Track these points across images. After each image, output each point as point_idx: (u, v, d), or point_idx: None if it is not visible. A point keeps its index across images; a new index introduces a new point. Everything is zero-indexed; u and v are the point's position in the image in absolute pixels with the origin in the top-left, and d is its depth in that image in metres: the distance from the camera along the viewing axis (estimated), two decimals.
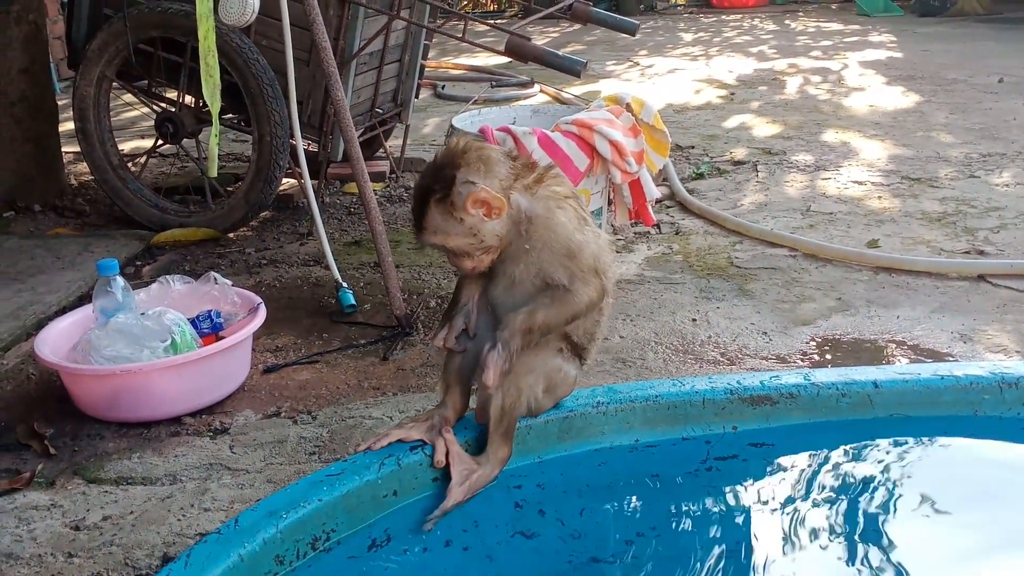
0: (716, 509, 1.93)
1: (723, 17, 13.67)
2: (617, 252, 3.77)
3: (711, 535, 1.85)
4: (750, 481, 1.99)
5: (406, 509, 1.86)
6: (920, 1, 12.68)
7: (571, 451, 2.01)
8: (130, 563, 1.97)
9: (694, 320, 3.10)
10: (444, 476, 1.89)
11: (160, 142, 4.07)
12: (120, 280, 2.66)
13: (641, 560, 1.78)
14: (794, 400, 2.08)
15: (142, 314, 2.62)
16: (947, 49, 9.16)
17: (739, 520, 1.89)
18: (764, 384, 2.10)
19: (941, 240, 3.75)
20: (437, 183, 1.75)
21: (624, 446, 2.03)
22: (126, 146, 5.27)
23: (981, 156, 4.99)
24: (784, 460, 2.04)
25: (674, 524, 1.87)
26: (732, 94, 7.22)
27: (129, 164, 4.12)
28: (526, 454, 1.97)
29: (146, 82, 4.02)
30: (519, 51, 3.41)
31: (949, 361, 2.71)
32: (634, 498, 1.97)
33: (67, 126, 4.33)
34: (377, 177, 4.65)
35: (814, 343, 2.91)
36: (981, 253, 3.59)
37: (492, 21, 4.29)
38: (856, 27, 11.54)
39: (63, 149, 4.65)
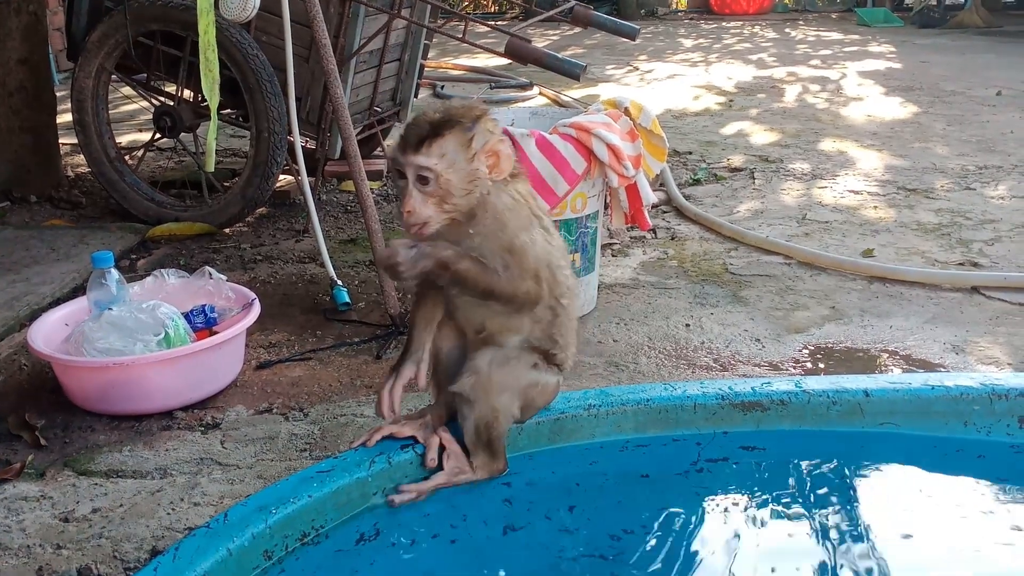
0: (705, 509, 1.93)
1: (723, 24, 13.71)
2: (612, 256, 3.77)
3: (700, 534, 1.85)
4: (740, 483, 2.00)
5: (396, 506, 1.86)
6: (920, 13, 12.74)
7: (561, 448, 2.02)
8: (119, 556, 1.97)
9: (688, 325, 3.11)
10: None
11: (158, 136, 4.07)
12: (115, 273, 2.66)
13: (629, 555, 1.78)
14: (785, 407, 2.08)
15: (136, 307, 2.62)
16: (946, 61, 9.19)
17: (727, 520, 1.89)
18: (755, 391, 2.10)
19: (936, 251, 3.76)
20: (465, 117, 1.72)
21: (615, 444, 2.04)
22: (124, 139, 5.26)
23: (977, 168, 5.00)
24: (774, 464, 2.04)
25: (663, 522, 1.88)
26: (731, 101, 7.23)
27: (126, 157, 4.12)
28: (516, 451, 1.97)
29: (145, 75, 4.02)
30: (519, 53, 3.42)
31: (941, 372, 2.72)
32: (624, 496, 1.97)
33: (65, 118, 4.33)
34: (374, 176, 4.64)
35: (807, 351, 2.92)
36: (975, 265, 3.60)
37: (492, 22, 4.29)
38: (856, 37, 11.58)
39: (60, 140, 4.65)
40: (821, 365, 2.82)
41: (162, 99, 4.02)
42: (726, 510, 1.94)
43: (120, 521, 2.08)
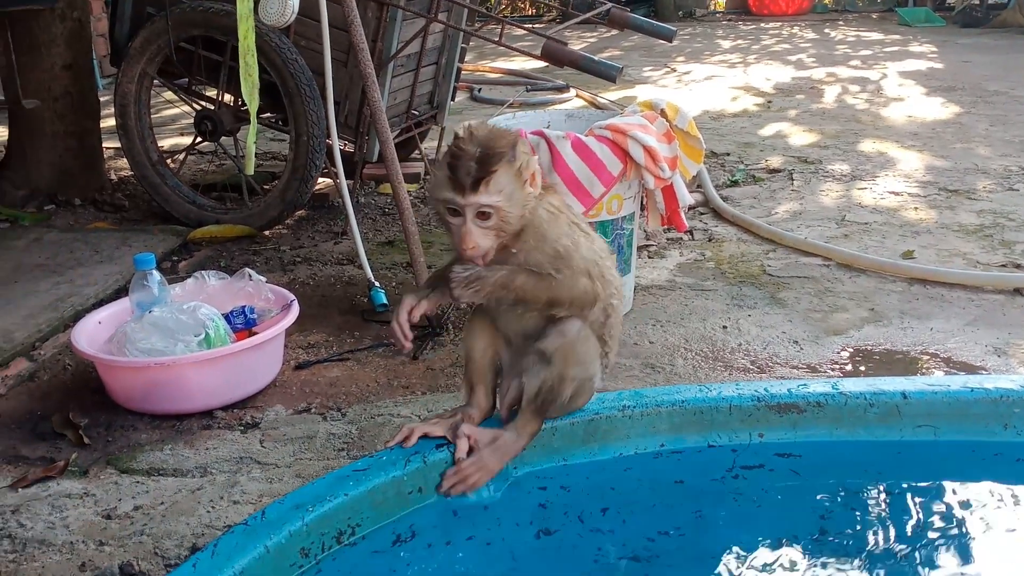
0: (741, 516, 1.93)
1: (762, 25, 13.61)
2: (649, 258, 3.77)
3: (734, 541, 1.84)
4: (776, 490, 1.99)
5: (431, 506, 1.88)
6: (962, 12, 12.58)
7: (596, 455, 2.02)
8: (159, 553, 2.00)
9: (725, 327, 3.09)
10: None
11: (199, 139, 4.12)
12: (156, 274, 2.70)
13: (665, 558, 1.78)
14: (821, 409, 2.07)
15: (177, 308, 2.65)
16: (989, 60, 9.06)
17: (762, 528, 1.89)
18: (792, 392, 2.09)
19: (977, 253, 3.71)
20: (502, 147, 1.73)
21: (649, 452, 2.04)
22: (166, 143, 5.34)
23: (1021, 169, 4.93)
24: (811, 471, 2.03)
25: (698, 528, 1.87)
26: (769, 102, 7.19)
27: (168, 161, 4.18)
28: (551, 456, 1.98)
29: (186, 80, 4.08)
30: (555, 56, 3.42)
31: (982, 374, 2.68)
32: (659, 502, 1.97)
33: (108, 122, 4.40)
34: (411, 178, 4.68)
35: (846, 353, 2.90)
36: (1018, 267, 3.55)
37: (529, 25, 4.30)
38: (897, 37, 11.45)
39: (104, 145, 4.72)
40: (860, 367, 2.80)
41: (203, 103, 4.07)
42: (761, 518, 1.93)
43: (161, 518, 2.12)
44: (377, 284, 3.28)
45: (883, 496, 1.97)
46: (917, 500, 1.96)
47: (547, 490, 1.95)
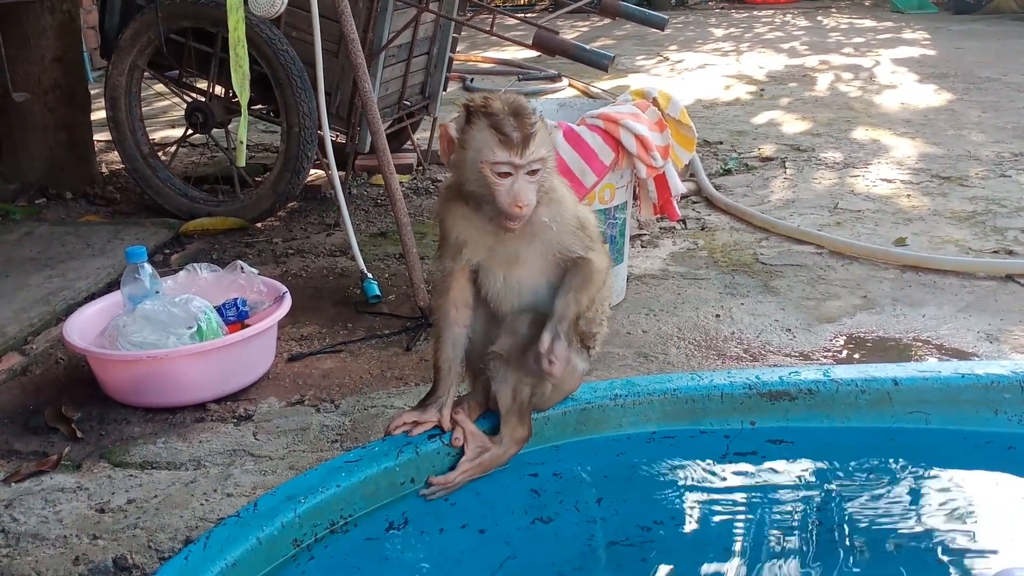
0: (733, 501, 1.93)
1: (755, 13, 13.60)
2: (642, 247, 3.77)
3: (727, 526, 1.85)
4: (768, 476, 2.00)
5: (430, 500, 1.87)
6: None
7: (588, 443, 2.02)
8: (153, 546, 2.00)
9: (718, 316, 3.10)
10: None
11: (190, 131, 4.11)
12: (148, 267, 2.69)
13: (658, 543, 1.79)
14: (813, 396, 2.07)
15: (169, 301, 2.65)
16: (981, 47, 9.06)
17: (755, 513, 1.89)
18: (783, 379, 2.09)
19: (970, 239, 3.72)
20: (528, 105, 1.79)
21: (641, 439, 2.04)
22: (156, 135, 5.32)
23: (1013, 155, 4.94)
24: (803, 457, 2.03)
25: (691, 513, 1.88)
26: (762, 90, 7.18)
27: (159, 153, 4.16)
28: (543, 443, 1.98)
29: (177, 72, 4.06)
30: (547, 45, 3.42)
31: (973, 360, 2.69)
32: (652, 488, 1.97)
33: (99, 115, 4.39)
34: (404, 169, 4.67)
35: (838, 341, 2.90)
36: (1010, 253, 3.55)
37: (521, 15, 4.29)
38: (889, 24, 11.45)
39: (95, 137, 4.70)
40: (853, 355, 2.81)
41: (194, 95, 4.06)
42: (753, 503, 1.93)
43: (155, 512, 2.11)
44: (370, 275, 3.27)
45: (874, 482, 1.97)
46: (908, 485, 1.96)
47: (539, 477, 1.95)
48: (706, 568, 1.75)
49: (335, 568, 1.72)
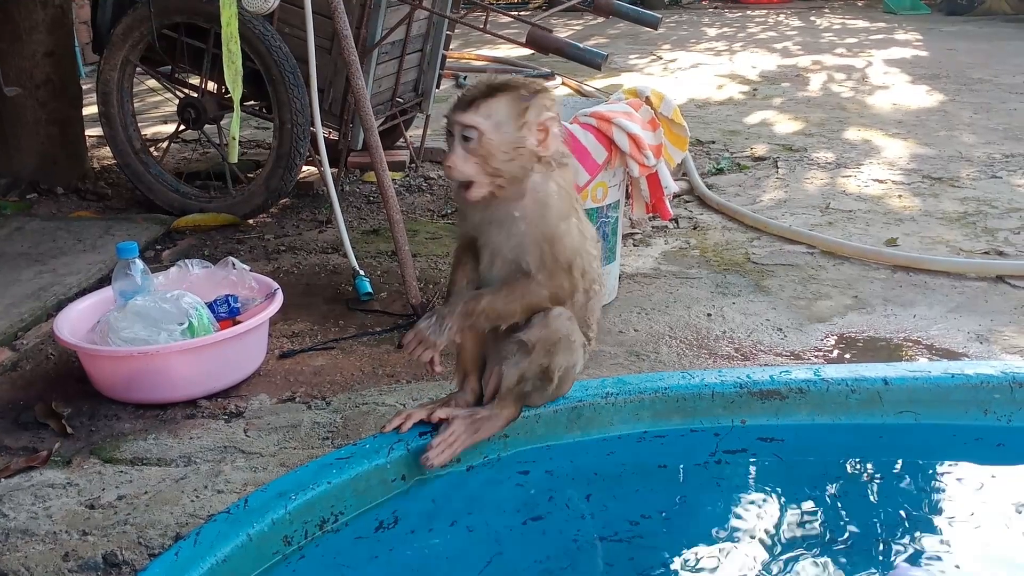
0: (723, 500, 1.94)
1: (748, 12, 13.63)
2: (634, 246, 3.77)
3: (717, 523, 1.86)
4: (758, 475, 2.00)
5: (414, 493, 1.87)
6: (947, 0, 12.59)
7: (579, 441, 2.02)
8: (143, 542, 1.99)
9: (709, 315, 3.10)
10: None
11: (182, 127, 4.10)
12: (139, 263, 2.69)
13: (647, 539, 1.79)
14: (803, 395, 2.08)
15: (160, 297, 2.64)
16: (973, 48, 9.09)
17: (745, 511, 1.90)
18: (774, 379, 2.10)
19: (960, 240, 3.73)
20: (526, 87, 1.78)
21: (632, 437, 2.04)
22: (149, 131, 5.31)
23: (1004, 156, 4.96)
24: (793, 455, 2.04)
25: (681, 511, 1.89)
26: (755, 90, 7.20)
27: (151, 149, 4.15)
28: (534, 441, 1.98)
29: (169, 67, 4.05)
30: (540, 43, 3.42)
31: (964, 361, 2.70)
32: (642, 486, 1.98)
33: (91, 110, 4.37)
34: (396, 166, 4.67)
35: (829, 340, 2.91)
36: (1000, 254, 3.57)
37: (515, 13, 4.29)
38: (882, 24, 11.48)
39: (86, 133, 4.69)
40: (844, 354, 2.81)
41: (186, 91, 4.05)
42: (744, 501, 1.94)
43: (145, 508, 2.11)
44: (362, 272, 3.27)
45: (864, 480, 1.98)
46: (898, 484, 1.97)
47: (530, 475, 1.95)
48: (696, 566, 1.75)
49: (325, 567, 1.72)
